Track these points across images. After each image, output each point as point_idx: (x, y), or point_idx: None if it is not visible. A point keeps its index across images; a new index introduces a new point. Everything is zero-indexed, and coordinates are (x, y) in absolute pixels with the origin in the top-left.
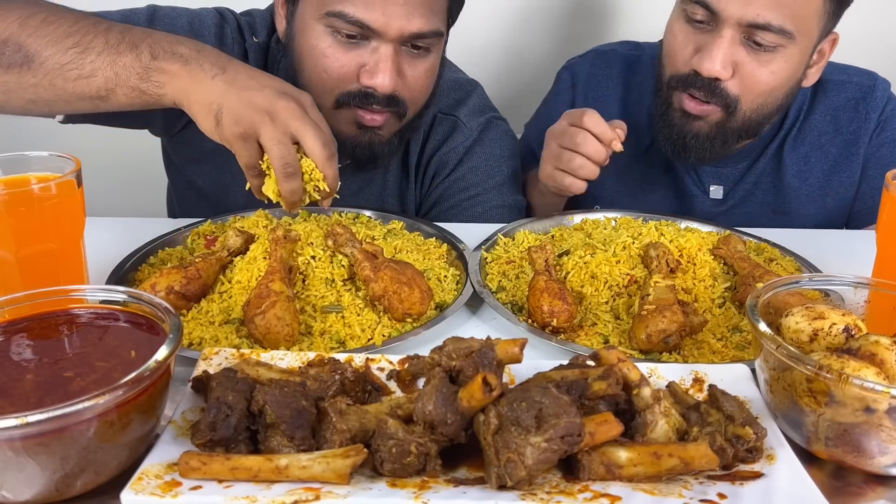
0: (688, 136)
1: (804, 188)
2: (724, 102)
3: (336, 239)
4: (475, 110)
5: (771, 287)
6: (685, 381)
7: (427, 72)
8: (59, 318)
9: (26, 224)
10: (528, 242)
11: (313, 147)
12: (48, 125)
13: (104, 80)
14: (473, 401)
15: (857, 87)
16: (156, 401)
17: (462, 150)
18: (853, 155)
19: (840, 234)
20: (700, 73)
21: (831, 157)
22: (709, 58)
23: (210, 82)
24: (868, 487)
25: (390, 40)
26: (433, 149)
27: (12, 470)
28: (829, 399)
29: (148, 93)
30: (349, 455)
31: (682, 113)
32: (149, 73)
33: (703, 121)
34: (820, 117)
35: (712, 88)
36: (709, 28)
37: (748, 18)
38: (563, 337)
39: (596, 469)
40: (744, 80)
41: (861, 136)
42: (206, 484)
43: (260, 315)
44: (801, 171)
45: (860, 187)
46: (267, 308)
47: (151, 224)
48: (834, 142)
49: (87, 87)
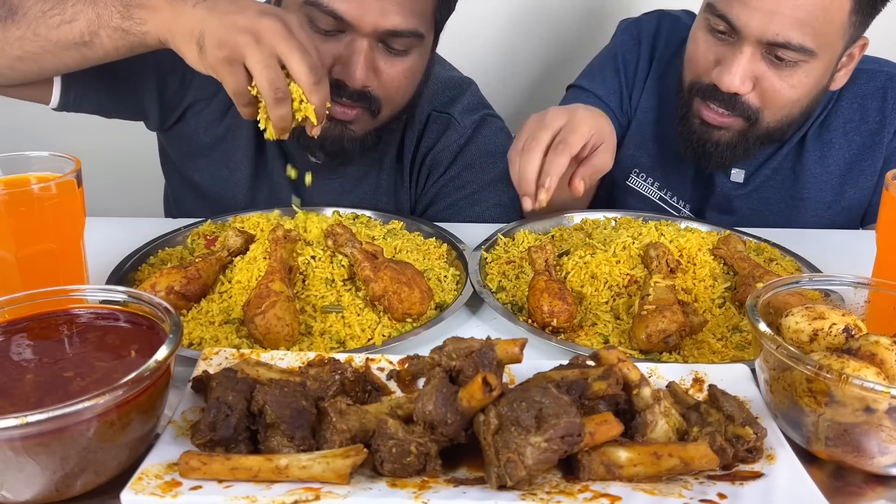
0: (708, 143)
1: (824, 174)
2: (746, 115)
3: (336, 239)
4: (469, 108)
5: (771, 287)
6: (685, 381)
7: (406, 73)
8: (59, 318)
9: (26, 224)
10: (528, 242)
11: (299, 71)
12: (48, 125)
13: (86, 23)
14: (473, 401)
15: (888, 77)
16: (156, 401)
17: (456, 149)
18: (876, 145)
19: (840, 234)
20: (719, 87)
21: (855, 145)
22: (728, 73)
23: (191, 10)
24: (868, 487)
25: (365, 35)
26: (427, 147)
27: (12, 470)
28: (829, 399)
29: (131, 31)
30: (349, 455)
31: (701, 121)
32: (129, 10)
33: (724, 130)
34: (847, 104)
35: (732, 102)
36: (730, 41)
37: (768, 37)
38: (563, 337)
39: (596, 469)
40: (764, 93)
41: (886, 127)
42: (206, 484)
43: (260, 315)
44: (824, 156)
45: (882, 180)
46: (267, 308)
47: (151, 224)
48: (859, 130)
49: (70, 33)
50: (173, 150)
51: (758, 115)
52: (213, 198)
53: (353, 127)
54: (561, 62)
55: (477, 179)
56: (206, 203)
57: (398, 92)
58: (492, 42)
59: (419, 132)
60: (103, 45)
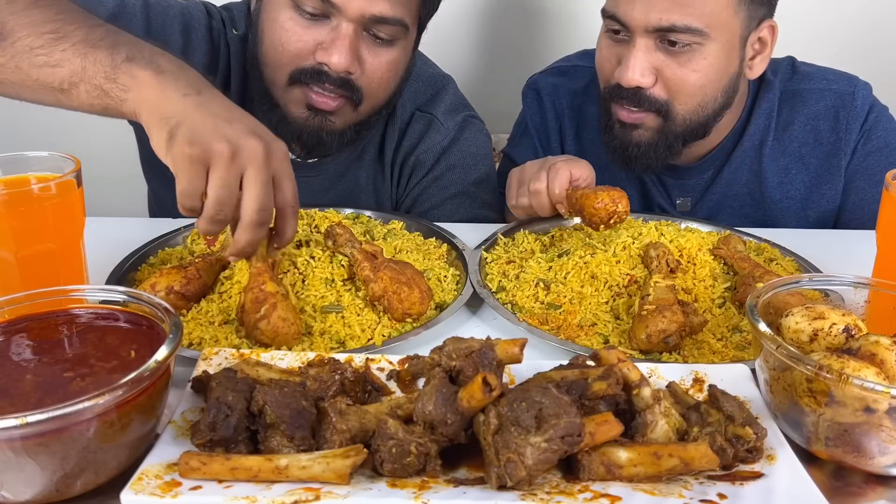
0: (630, 146)
1: (785, 200)
2: (655, 108)
3: (336, 239)
4: (451, 108)
5: (771, 287)
6: (685, 381)
7: (389, 64)
8: (59, 318)
9: (26, 224)
10: (528, 242)
11: (249, 204)
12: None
13: (69, 73)
14: (473, 401)
15: (837, 95)
16: (156, 401)
17: (439, 150)
18: (834, 167)
19: (840, 234)
20: (622, 84)
21: (812, 168)
22: (627, 68)
23: (179, 98)
24: (868, 487)
25: (350, 20)
26: (410, 146)
27: (12, 470)
28: (829, 399)
29: (110, 94)
30: (349, 455)
31: (620, 124)
32: (117, 73)
33: (641, 129)
34: (800, 128)
35: (638, 98)
36: (625, 39)
37: (653, 23)
38: (563, 337)
39: (596, 469)
40: (668, 83)
41: (842, 148)
42: (206, 484)
43: (264, 320)
44: (782, 182)
45: (848, 199)
46: (268, 312)
47: (151, 224)
48: (814, 153)
49: (51, 76)
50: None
51: (668, 107)
52: None
53: (332, 119)
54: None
55: (461, 180)
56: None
57: (380, 85)
58: (469, 37)
59: (401, 130)
60: (79, 98)
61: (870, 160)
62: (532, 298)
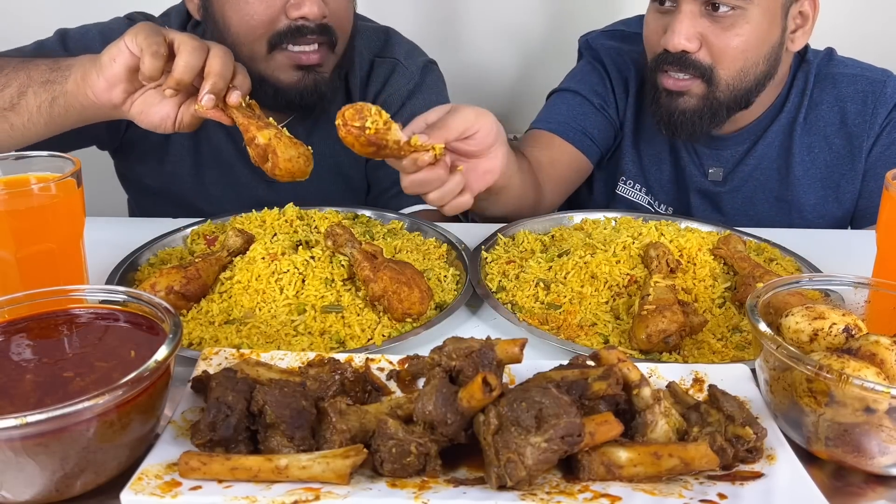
0: (675, 113)
1: (806, 178)
2: (700, 73)
3: (335, 239)
4: (410, 52)
5: (771, 287)
6: (685, 381)
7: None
8: (59, 318)
9: (26, 224)
10: (528, 242)
11: (181, 43)
12: None
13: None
14: (473, 401)
15: (868, 81)
16: (156, 401)
17: (405, 93)
18: (856, 150)
19: (840, 234)
20: (668, 49)
21: (835, 148)
22: (672, 33)
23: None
24: (868, 487)
25: None
26: (375, 92)
27: (12, 470)
28: (829, 399)
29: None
30: (349, 455)
31: (666, 93)
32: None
33: (686, 96)
34: (828, 108)
35: (684, 62)
36: (671, 8)
37: None
38: (563, 337)
39: (596, 469)
40: (712, 48)
41: (866, 131)
42: (206, 484)
43: (276, 169)
44: (805, 160)
45: (867, 185)
46: (274, 161)
47: (151, 224)
48: (839, 133)
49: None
50: (127, 161)
51: (711, 71)
52: (166, 198)
53: (321, 69)
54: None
55: None
56: (164, 202)
57: (346, 19)
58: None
59: (363, 80)
60: (28, 105)
61: (893, 149)
62: (532, 298)
